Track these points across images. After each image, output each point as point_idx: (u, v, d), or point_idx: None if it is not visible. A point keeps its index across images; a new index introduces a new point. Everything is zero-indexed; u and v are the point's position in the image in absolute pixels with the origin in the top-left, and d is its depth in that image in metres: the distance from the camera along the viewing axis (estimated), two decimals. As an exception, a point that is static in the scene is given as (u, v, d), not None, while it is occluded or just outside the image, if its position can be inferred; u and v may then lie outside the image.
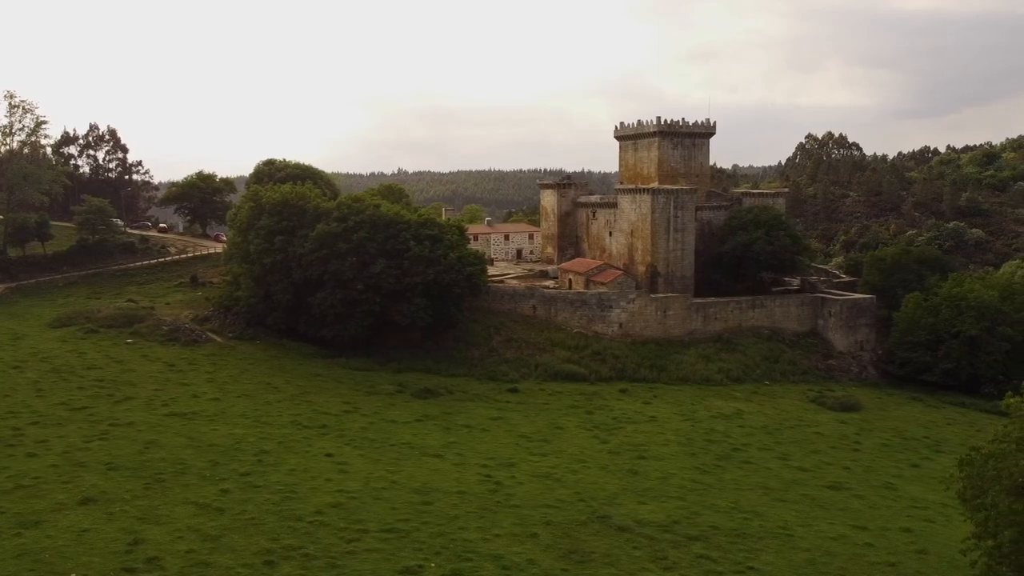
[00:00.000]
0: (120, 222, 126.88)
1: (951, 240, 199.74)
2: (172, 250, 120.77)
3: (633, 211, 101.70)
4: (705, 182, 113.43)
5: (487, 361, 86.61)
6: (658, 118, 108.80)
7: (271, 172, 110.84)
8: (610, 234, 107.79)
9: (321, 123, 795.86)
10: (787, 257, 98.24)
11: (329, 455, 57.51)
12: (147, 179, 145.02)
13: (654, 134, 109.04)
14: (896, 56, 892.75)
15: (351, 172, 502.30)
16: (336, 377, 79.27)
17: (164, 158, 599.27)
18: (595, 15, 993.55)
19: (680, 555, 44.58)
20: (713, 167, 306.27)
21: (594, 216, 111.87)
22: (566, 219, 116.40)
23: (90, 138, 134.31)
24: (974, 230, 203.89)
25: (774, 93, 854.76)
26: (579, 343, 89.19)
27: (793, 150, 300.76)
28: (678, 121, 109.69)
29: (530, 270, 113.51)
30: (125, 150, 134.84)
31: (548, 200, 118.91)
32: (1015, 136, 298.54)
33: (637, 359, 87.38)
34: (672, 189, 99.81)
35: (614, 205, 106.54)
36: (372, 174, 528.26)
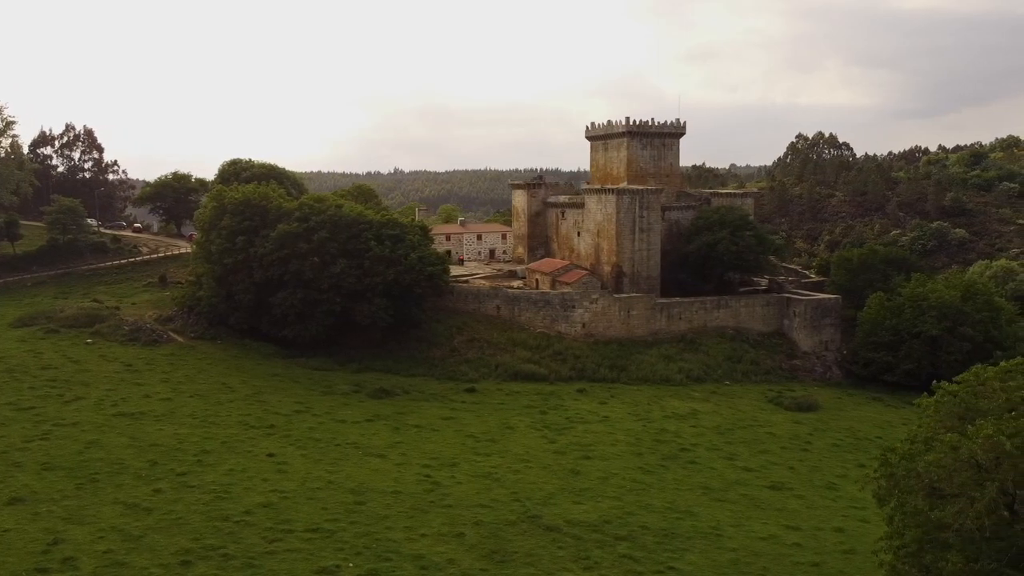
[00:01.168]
0: (94, 222, 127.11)
1: (934, 240, 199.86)
2: (144, 250, 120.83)
3: (599, 211, 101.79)
4: (675, 182, 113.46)
5: (448, 361, 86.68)
6: (627, 118, 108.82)
7: (236, 172, 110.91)
8: (578, 234, 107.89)
9: (321, 123, 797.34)
10: (752, 257, 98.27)
11: (271, 455, 57.66)
12: (123, 178, 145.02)
13: (623, 134, 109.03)
14: (896, 56, 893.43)
15: (347, 172, 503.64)
16: (293, 377, 79.36)
17: (164, 158, 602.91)
18: (595, 15, 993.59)
19: (604, 555, 44.70)
20: (702, 167, 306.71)
21: (563, 216, 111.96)
22: (536, 219, 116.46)
23: (66, 138, 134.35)
24: (957, 230, 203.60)
25: (774, 93, 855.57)
26: (541, 343, 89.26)
27: (784, 150, 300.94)
28: (647, 121, 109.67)
29: (499, 270, 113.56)
30: (101, 150, 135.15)
31: (519, 200, 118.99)
32: (1004, 136, 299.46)
33: (597, 359, 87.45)
34: (637, 189, 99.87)
35: (582, 205, 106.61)
36: (368, 173, 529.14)
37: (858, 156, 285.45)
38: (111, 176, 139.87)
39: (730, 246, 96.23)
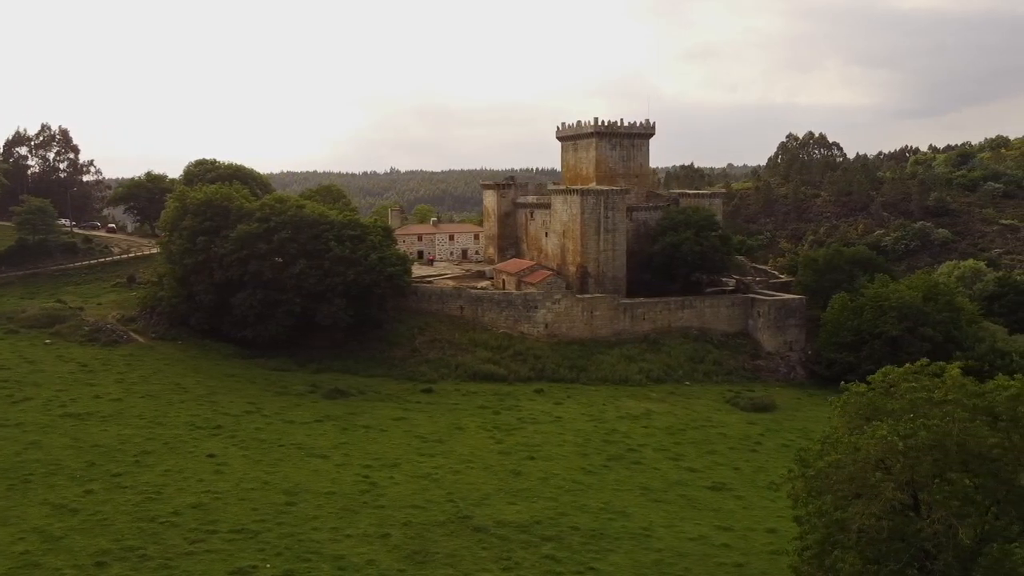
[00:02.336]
0: (67, 222, 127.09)
1: (917, 240, 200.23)
2: (115, 250, 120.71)
3: (564, 212, 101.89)
4: (645, 183, 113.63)
5: (408, 361, 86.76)
6: (595, 119, 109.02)
7: (201, 173, 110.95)
8: (546, 235, 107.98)
9: (320, 123, 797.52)
10: (716, 257, 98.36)
11: (211, 456, 57.72)
12: (99, 179, 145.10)
13: (591, 135, 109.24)
14: (895, 55, 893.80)
15: (344, 172, 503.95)
16: (250, 378, 79.40)
17: (165, 158, 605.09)
18: (595, 15, 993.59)
19: (527, 556, 44.78)
20: (690, 166, 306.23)
21: (532, 216, 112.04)
22: (506, 219, 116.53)
23: (41, 138, 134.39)
24: (940, 230, 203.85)
25: (774, 92, 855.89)
26: (502, 343, 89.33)
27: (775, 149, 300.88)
28: (616, 122, 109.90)
29: (468, 270, 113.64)
30: (76, 150, 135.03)
31: (489, 200, 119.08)
32: (993, 136, 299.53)
33: (558, 359, 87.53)
34: (602, 190, 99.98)
35: (549, 206, 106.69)
36: (365, 173, 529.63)
37: (849, 156, 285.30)
38: (86, 177, 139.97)
39: (694, 246, 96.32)
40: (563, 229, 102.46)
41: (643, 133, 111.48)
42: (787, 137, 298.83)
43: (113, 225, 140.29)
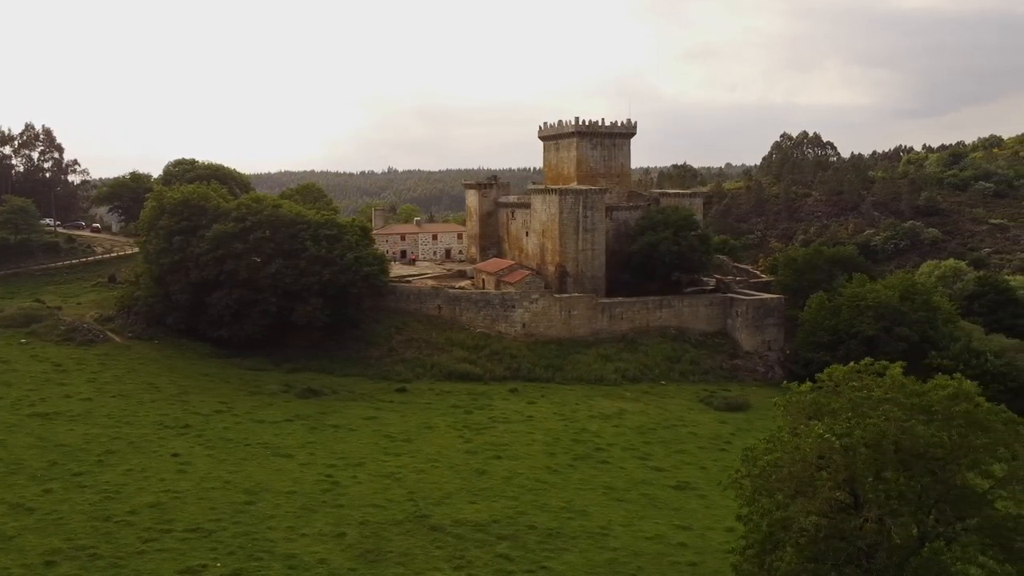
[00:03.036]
0: (51, 221, 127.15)
1: (906, 240, 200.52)
2: (99, 250, 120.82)
3: (544, 211, 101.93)
4: (626, 182, 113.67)
5: (384, 361, 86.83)
6: (576, 118, 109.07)
7: (180, 173, 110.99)
8: (526, 234, 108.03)
9: (321, 123, 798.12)
10: (695, 257, 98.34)
11: (176, 455, 57.76)
12: (86, 179, 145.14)
13: (572, 134, 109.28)
14: (895, 55, 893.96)
15: (341, 171, 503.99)
16: (224, 377, 79.46)
17: (164, 159, 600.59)
18: (594, 15, 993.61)
19: (480, 555, 44.83)
20: (683, 166, 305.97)
21: (513, 216, 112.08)
22: (488, 219, 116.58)
23: (25, 137, 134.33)
24: (930, 230, 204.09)
25: (774, 92, 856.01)
26: (479, 343, 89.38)
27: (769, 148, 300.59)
28: (597, 122, 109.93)
29: (449, 270, 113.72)
30: (60, 149, 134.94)
31: (471, 200, 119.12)
32: (992, 136, 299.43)
33: (534, 359, 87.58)
34: (581, 189, 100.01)
35: (529, 205, 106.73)
36: (363, 172, 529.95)
37: (844, 156, 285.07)
38: (72, 176, 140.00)
39: (671, 246, 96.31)
40: (542, 229, 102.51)
41: (624, 133, 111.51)
42: (781, 136, 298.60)
43: (98, 225, 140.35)
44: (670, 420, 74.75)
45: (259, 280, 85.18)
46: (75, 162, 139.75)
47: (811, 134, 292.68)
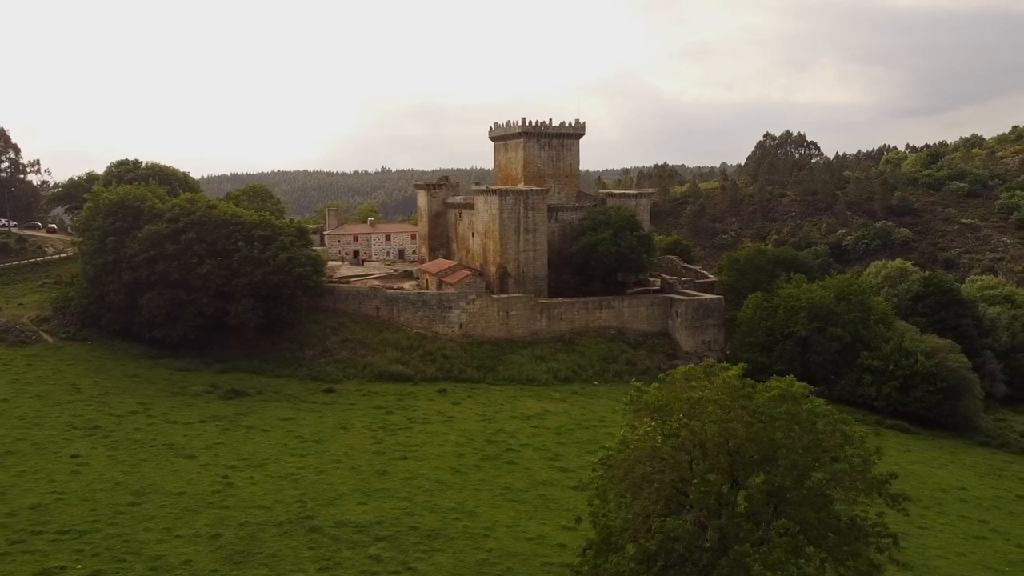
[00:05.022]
0: (4, 222, 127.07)
1: (878, 239, 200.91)
2: (50, 250, 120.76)
3: (486, 212, 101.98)
4: (574, 183, 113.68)
5: (317, 362, 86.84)
6: (523, 119, 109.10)
7: (122, 173, 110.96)
8: (472, 235, 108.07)
9: (317, 122, 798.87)
10: (635, 258, 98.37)
11: (75, 456, 57.73)
12: (46, 179, 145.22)
13: (519, 135, 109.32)
14: (893, 53, 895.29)
15: (334, 171, 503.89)
16: (151, 378, 79.46)
17: (165, 159, 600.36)
18: (589, 12, 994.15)
19: (351, 556, 44.85)
20: (663, 166, 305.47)
21: (460, 217, 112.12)
22: (437, 220, 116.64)
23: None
24: (901, 229, 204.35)
25: (771, 91, 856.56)
26: (413, 344, 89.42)
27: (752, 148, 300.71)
28: (545, 122, 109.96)
29: (397, 270, 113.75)
30: (16, 150, 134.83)
31: (421, 200, 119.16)
32: (968, 135, 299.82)
33: (467, 359, 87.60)
34: (522, 190, 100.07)
35: (474, 206, 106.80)
36: (356, 172, 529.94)
37: (828, 156, 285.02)
38: (31, 176, 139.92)
39: (610, 247, 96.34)
40: (485, 229, 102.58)
41: (572, 134, 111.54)
42: (764, 136, 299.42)
43: (54, 225, 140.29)
44: (591, 421, 74.79)
45: (192, 281, 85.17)
46: (36, 162, 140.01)
47: (795, 134, 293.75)
